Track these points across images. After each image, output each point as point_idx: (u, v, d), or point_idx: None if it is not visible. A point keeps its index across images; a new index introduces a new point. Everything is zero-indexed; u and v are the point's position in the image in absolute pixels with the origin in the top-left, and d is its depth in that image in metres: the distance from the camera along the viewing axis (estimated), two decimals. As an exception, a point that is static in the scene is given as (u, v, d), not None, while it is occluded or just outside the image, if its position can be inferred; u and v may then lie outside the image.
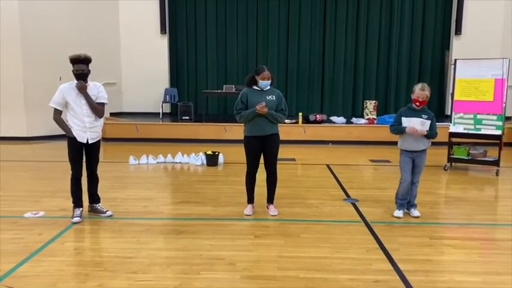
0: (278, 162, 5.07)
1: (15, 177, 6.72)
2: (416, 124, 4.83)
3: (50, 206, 5.26)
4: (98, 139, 4.83)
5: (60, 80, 9.11)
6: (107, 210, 4.99)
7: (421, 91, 4.85)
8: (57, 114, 4.68)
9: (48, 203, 5.41)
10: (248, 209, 5.07)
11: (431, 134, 4.88)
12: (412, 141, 4.88)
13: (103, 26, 11.27)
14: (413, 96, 4.90)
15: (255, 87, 4.88)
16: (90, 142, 4.74)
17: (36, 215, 4.95)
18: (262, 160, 5.01)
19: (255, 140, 4.87)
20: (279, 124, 4.98)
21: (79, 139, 4.67)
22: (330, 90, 12.16)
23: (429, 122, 4.87)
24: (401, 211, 5.04)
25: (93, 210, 5.01)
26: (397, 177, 5.06)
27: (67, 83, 4.69)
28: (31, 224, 4.68)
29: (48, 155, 8.66)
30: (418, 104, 4.88)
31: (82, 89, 4.60)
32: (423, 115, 4.87)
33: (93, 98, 4.70)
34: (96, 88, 4.75)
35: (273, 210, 5.08)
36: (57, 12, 10.22)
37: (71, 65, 4.64)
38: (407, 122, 4.89)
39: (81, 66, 4.60)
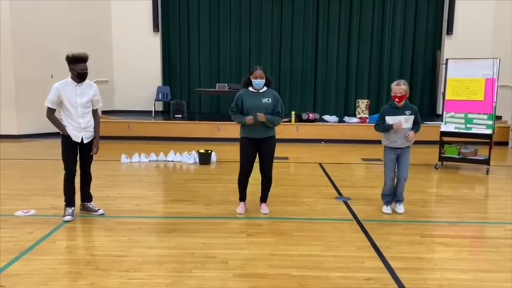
0: (271, 161, 5.07)
1: (6, 176, 6.66)
2: (401, 121, 4.87)
3: (41, 204, 5.23)
4: (92, 138, 4.79)
5: (51, 77, 9.07)
6: (99, 209, 4.97)
7: (397, 86, 4.88)
8: (51, 112, 4.63)
9: (39, 201, 5.38)
10: (240, 207, 5.07)
11: (416, 129, 4.92)
12: (397, 139, 4.90)
13: (95, 24, 11.19)
14: (392, 94, 4.93)
15: (251, 89, 4.87)
16: (85, 142, 4.71)
17: (27, 214, 4.91)
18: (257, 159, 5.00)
19: (249, 141, 4.86)
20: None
21: (74, 138, 4.63)
22: (323, 89, 12.19)
23: (412, 117, 4.90)
24: (389, 207, 5.10)
25: (84, 209, 4.99)
26: (389, 175, 5.09)
27: (61, 82, 4.62)
28: (22, 223, 4.64)
29: (39, 153, 8.60)
30: (397, 100, 4.88)
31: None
32: (406, 111, 4.90)
33: (89, 97, 4.67)
34: (93, 88, 4.73)
35: (265, 208, 5.08)
36: (49, 9, 10.12)
37: (62, 63, 4.59)
38: (392, 120, 4.91)
39: (85, 65, 4.56)
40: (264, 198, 5.14)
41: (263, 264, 3.74)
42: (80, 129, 4.65)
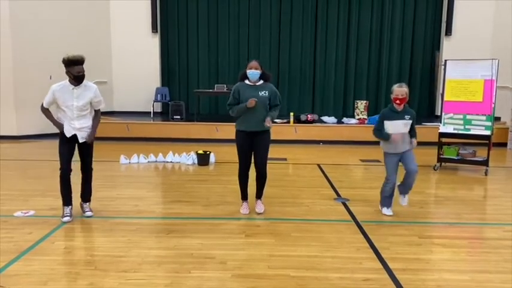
0: (269, 162, 5.07)
1: (5, 176, 6.66)
2: (400, 126, 4.83)
3: (40, 205, 5.23)
4: (90, 137, 4.80)
5: (50, 79, 9.06)
6: (88, 211, 4.93)
7: (398, 88, 4.82)
8: (45, 108, 4.65)
9: (38, 202, 5.39)
10: (244, 208, 5.06)
11: (416, 135, 4.91)
12: (396, 144, 4.85)
13: (94, 25, 11.20)
14: (392, 96, 4.86)
15: (247, 82, 4.89)
16: (80, 141, 4.70)
17: (26, 214, 4.92)
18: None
19: (244, 134, 4.87)
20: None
21: (68, 135, 4.63)
22: (321, 90, 12.22)
23: (411, 121, 4.87)
24: (390, 209, 5.07)
25: (81, 207, 4.99)
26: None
27: (58, 84, 4.62)
28: (21, 223, 4.65)
29: (38, 154, 8.60)
30: (398, 101, 4.82)
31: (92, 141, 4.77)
32: (406, 116, 4.85)
33: (87, 99, 4.66)
34: (92, 91, 4.70)
35: (260, 206, 5.08)
36: (48, 11, 10.14)
37: (61, 64, 4.57)
38: (390, 125, 4.85)
39: (81, 67, 4.54)
40: (259, 194, 5.13)
41: (262, 264, 3.74)
42: (75, 129, 4.65)
